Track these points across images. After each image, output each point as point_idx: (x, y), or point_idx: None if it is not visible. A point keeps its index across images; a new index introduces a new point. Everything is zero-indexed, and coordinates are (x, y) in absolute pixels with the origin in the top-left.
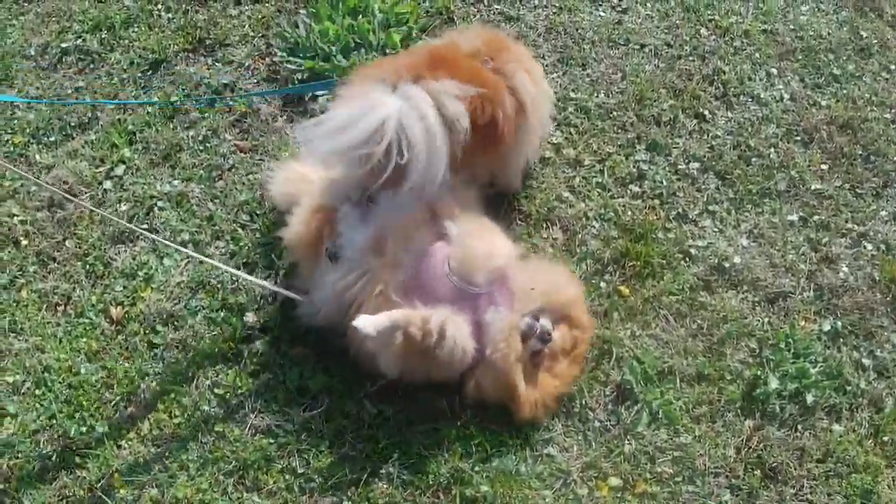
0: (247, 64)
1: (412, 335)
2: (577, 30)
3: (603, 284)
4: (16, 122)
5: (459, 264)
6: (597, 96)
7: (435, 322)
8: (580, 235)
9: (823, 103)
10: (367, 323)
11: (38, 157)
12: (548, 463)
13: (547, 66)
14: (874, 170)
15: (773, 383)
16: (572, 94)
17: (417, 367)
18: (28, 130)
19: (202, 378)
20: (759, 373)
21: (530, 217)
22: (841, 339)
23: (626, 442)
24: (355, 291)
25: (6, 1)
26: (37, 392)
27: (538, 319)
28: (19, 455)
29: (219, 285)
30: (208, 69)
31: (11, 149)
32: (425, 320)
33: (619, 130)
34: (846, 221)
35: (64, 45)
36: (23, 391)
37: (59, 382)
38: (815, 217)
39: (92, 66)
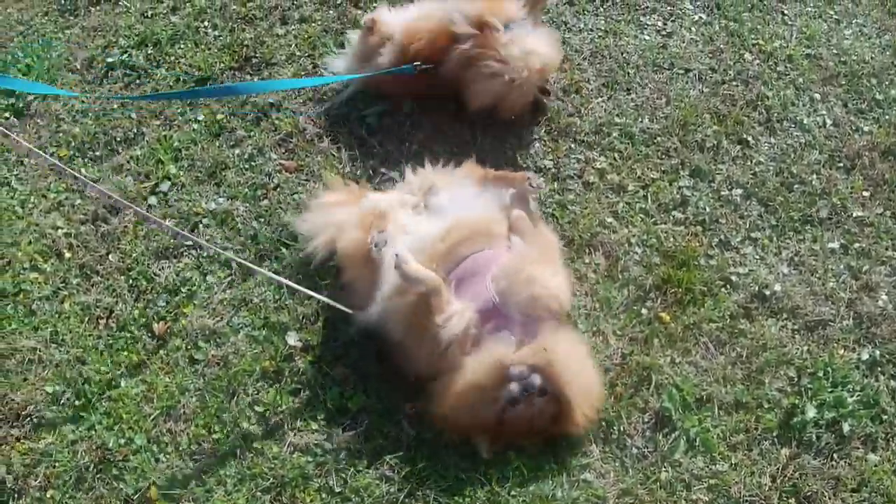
0: None
1: (428, 306)
2: (622, 54)
3: (644, 311)
4: (61, 135)
5: (503, 275)
6: (641, 121)
7: (452, 310)
8: (622, 261)
9: (866, 129)
10: (405, 261)
11: (83, 171)
12: (584, 489)
13: (592, 90)
14: None
15: (811, 412)
16: (617, 119)
17: (411, 344)
18: (73, 144)
19: (242, 395)
20: (796, 401)
21: (573, 242)
22: (879, 368)
23: (663, 469)
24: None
25: (52, 14)
26: (76, 403)
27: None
28: (56, 465)
29: (261, 303)
30: None
31: (57, 161)
32: (447, 301)
33: (663, 156)
34: (886, 249)
35: (110, 59)
36: (62, 402)
37: (99, 394)
38: (856, 244)
39: (138, 81)
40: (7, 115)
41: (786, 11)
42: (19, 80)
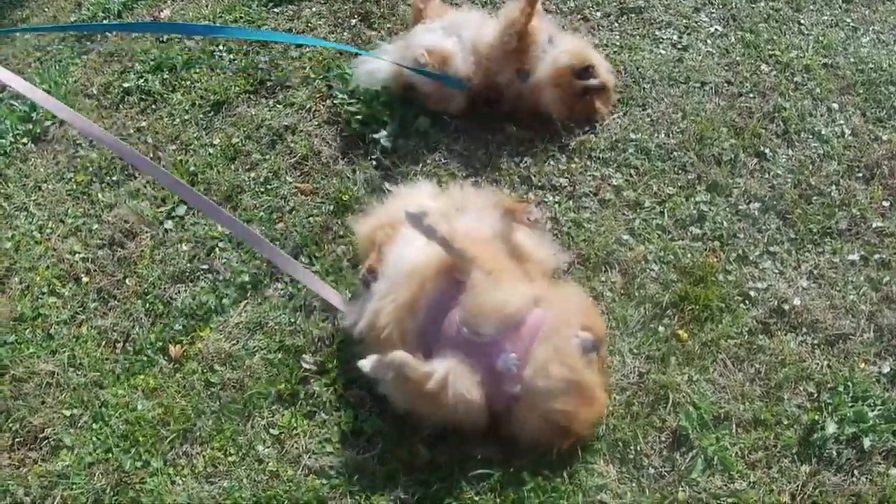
0: (308, 106)
1: (410, 380)
2: (637, 69)
3: (661, 329)
4: (78, 160)
5: (468, 315)
6: (657, 136)
7: (437, 377)
8: (639, 279)
9: (885, 137)
10: (367, 364)
11: (100, 195)
12: None
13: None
14: None
15: (831, 428)
16: (632, 135)
17: (426, 410)
18: (90, 169)
19: (258, 418)
20: (816, 417)
21: (589, 261)
22: None
23: (681, 489)
24: (380, 318)
25: (68, 40)
26: (94, 426)
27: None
28: (74, 487)
29: (277, 327)
30: (269, 111)
31: (74, 187)
32: (426, 374)
33: (680, 171)
34: None
35: (126, 84)
36: (80, 424)
37: (116, 417)
38: (876, 255)
39: (154, 106)
40: (25, 140)
41: (802, 21)
42: None
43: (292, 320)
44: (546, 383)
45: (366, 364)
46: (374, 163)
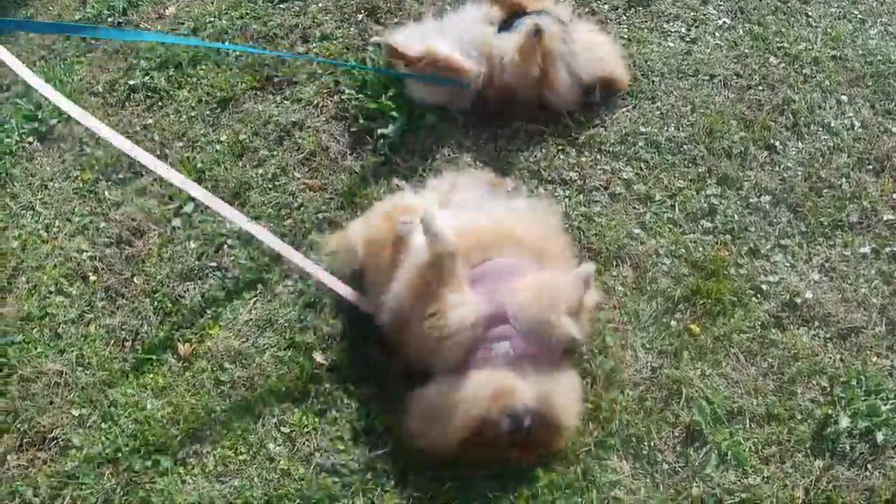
0: (315, 102)
1: (440, 266)
2: (646, 62)
3: (673, 323)
4: (84, 158)
5: (528, 288)
6: (667, 130)
7: (463, 299)
8: (651, 273)
9: (894, 130)
10: (433, 216)
11: (106, 193)
12: None
13: (616, 99)
14: None
15: (844, 422)
16: (642, 129)
17: (413, 322)
18: (97, 167)
19: (268, 416)
20: (829, 411)
21: (600, 255)
22: None
23: (695, 484)
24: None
25: (73, 38)
26: (102, 425)
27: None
28: (83, 487)
29: (287, 324)
30: (277, 107)
31: (80, 185)
32: (458, 276)
33: (690, 164)
34: None
35: (131, 82)
36: (88, 424)
37: (125, 417)
38: (887, 248)
39: (160, 103)
40: (31, 139)
41: (810, 13)
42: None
43: (302, 317)
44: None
45: (433, 216)
46: (383, 158)
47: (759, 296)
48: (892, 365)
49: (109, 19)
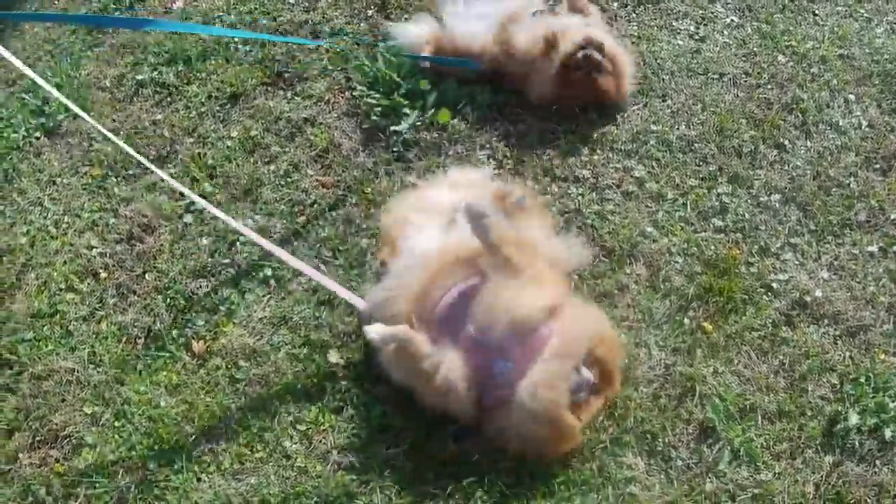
0: (327, 98)
1: (410, 356)
2: (655, 60)
3: (686, 321)
4: (93, 154)
5: (481, 312)
6: (678, 128)
7: (433, 361)
8: (664, 271)
9: None
10: (373, 330)
11: (116, 189)
12: (630, 502)
13: (627, 98)
14: None
15: (853, 418)
16: (653, 127)
17: (416, 387)
18: (106, 163)
19: (284, 414)
20: (839, 408)
21: (613, 253)
22: None
23: (708, 480)
24: (391, 299)
25: (79, 33)
26: (116, 424)
27: (582, 371)
28: (97, 486)
29: (301, 322)
30: (288, 103)
31: (89, 181)
32: (424, 355)
33: (701, 163)
34: None
35: (139, 77)
36: (101, 422)
37: (139, 415)
38: (895, 247)
39: (169, 98)
40: (38, 135)
41: (817, 11)
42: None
43: (317, 315)
44: (530, 404)
45: (372, 331)
46: (395, 155)
47: (769, 294)
48: None
49: (116, 12)
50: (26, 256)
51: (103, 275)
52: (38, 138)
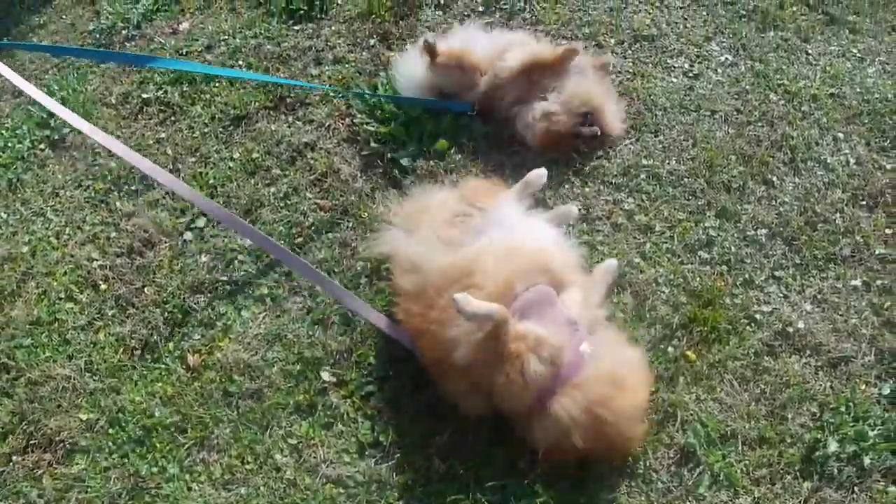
0: (327, 124)
1: (499, 336)
2: (649, 96)
3: (670, 349)
4: (97, 168)
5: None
6: (668, 163)
7: (529, 339)
8: (650, 301)
9: (888, 167)
10: (466, 302)
11: (118, 204)
12: None
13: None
14: None
15: (832, 446)
16: (644, 161)
17: (484, 375)
18: (109, 178)
19: (276, 427)
20: (818, 436)
21: None
22: None
23: (688, 503)
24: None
25: (87, 48)
26: (110, 431)
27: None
28: (89, 490)
29: (295, 339)
30: (289, 127)
31: (92, 194)
32: (519, 334)
33: (690, 197)
34: None
35: (145, 95)
36: (96, 429)
37: (133, 423)
38: (878, 281)
39: (173, 118)
40: (43, 146)
41: (810, 51)
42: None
43: (311, 333)
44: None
45: (464, 301)
46: (393, 182)
47: (753, 325)
48: (879, 393)
49: (123, 31)
50: (27, 265)
51: (103, 286)
52: (42, 150)
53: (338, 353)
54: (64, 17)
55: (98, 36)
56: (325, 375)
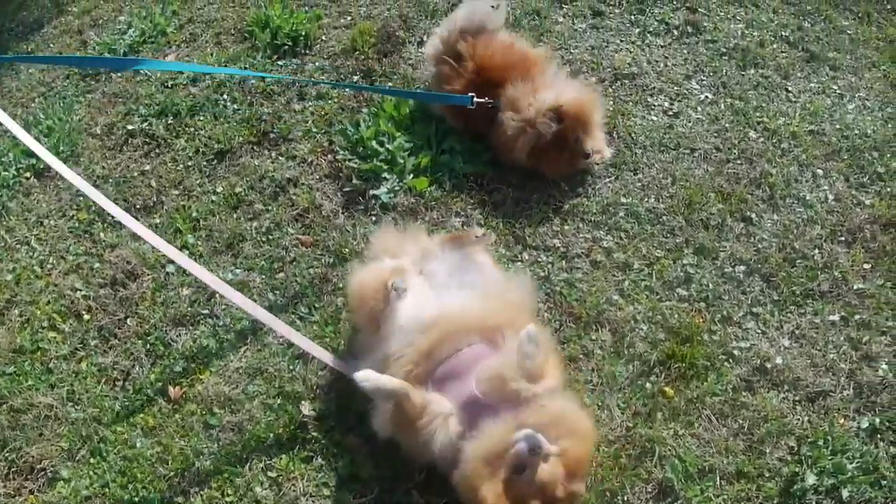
0: (310, 160)
1: (405, 409)
2: (629, 134)
3: (648, 385)
4: (81, 198)
5: (485, 378)
6: (647, 201)
7: (431, 413)
8: (628, 338)
9: (867, 202)
10: (367, 378)
11: (101, 234)
12: None
13: (599, 170)
14: None
15: (811, 479)
16: (623, 199)
17: (402, 434)
18: (93, 208)
19: (256, 461)
20: (797, 469)
21: (580, 319)
22: (878, 435)
23: None
24: (393, 359)
25: (73, 77)
26: (91, 460)
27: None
28: None
29: (276, 373)
30: (272, 162)
31: (76, 224)
32: (423, 406)
33: (668, 234)
34: (887, 319)
35: (130, 126)
36: (77, 458)
37: (115, 453)
38: (857, 316)
39: (157, 150)
40: (28, 175)
41: (790, 88)
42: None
43: (291, 367)
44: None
45: (364, 380)
46: (374, 218)
47: (730, 361)
48: (858, 426)
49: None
50: (11, 293)
51: (86, 316)
52: (27, 178)
53: (318, 387)
54: (51, 45)
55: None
56: (305, 409)
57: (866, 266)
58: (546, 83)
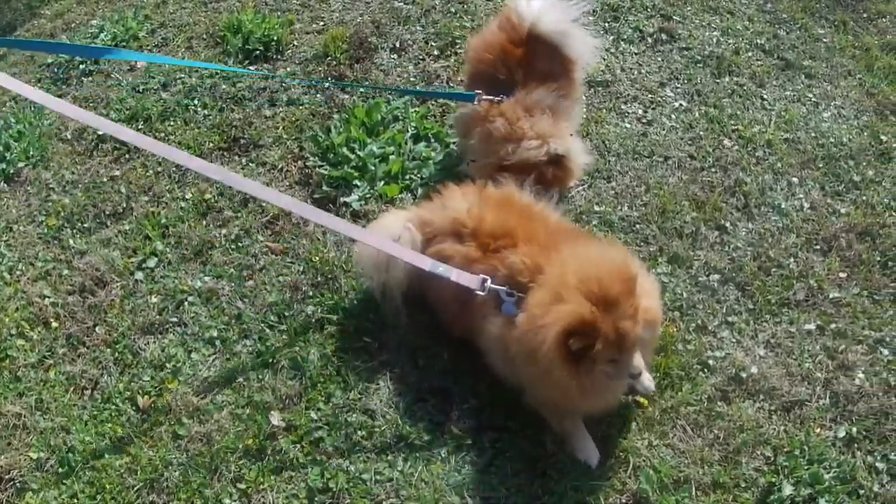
0: (280, 166)
1: None
2: (603, 142)
3: (622, 396)
4: (51, 204)
5: None
6: (621, 209)
7: None
8: None
9: (843, 210)
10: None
11: (71, 241)
12: None
13: None
14: (892, 275)
15: (787, 489)
16: (596, 208)
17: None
18: (63, 214)
19: (225, 472)
20: (773, 479)
21: None
22: (855, 445)
23: None
24: None
25: (45, 82)
26: (60, 470)
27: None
28: None
29: (245, 383)
30: (242, 169)
31: (45, 230)
32: None
33: (642, 243)
34: (863, 328)
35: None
36: (46, 468)
37: (83, 464)
38: (833, 325)
39: (127, 156)
40: None
41: (765, 96)
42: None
43: (260, 377)
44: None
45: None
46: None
47: (705, 370)
48: (835, 435)
49: (81, 66)
50: None
51: (54, 324)
52: None
53: (287, 397)
54: (23, 50)
55: (56, 70)
56: (275, 420)
57: (842, 275)
58: None
